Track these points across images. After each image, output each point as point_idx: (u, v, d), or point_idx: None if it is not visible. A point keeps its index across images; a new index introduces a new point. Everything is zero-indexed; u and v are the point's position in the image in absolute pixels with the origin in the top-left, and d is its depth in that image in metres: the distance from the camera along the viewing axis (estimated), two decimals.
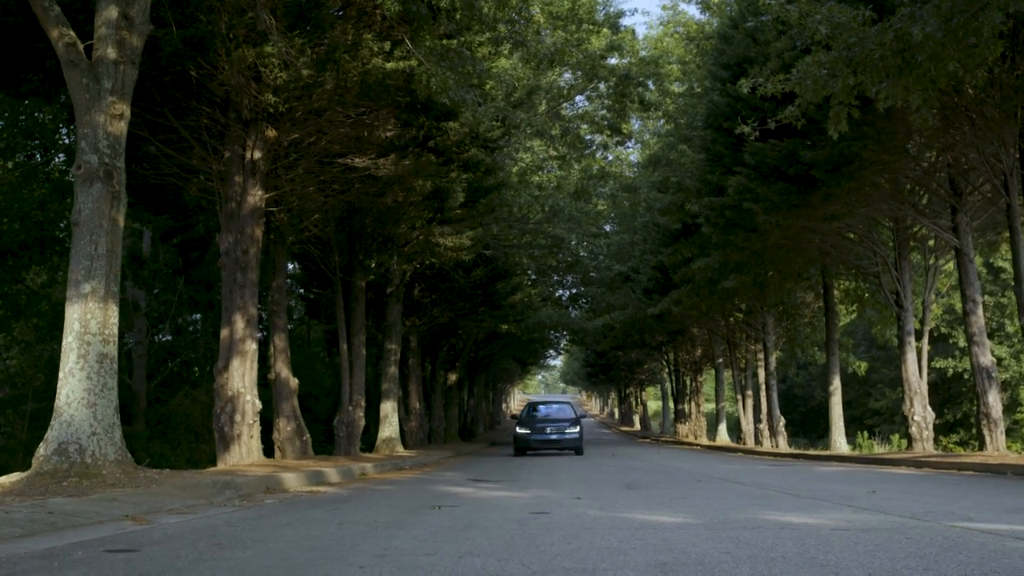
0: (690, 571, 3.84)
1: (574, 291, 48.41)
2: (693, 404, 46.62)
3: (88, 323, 9.44)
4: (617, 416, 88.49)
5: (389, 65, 13.44)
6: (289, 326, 41.79)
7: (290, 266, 34.35)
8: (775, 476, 12.66)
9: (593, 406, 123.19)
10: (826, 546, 4.56)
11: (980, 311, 17.75)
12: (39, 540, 5.16)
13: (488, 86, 16.59)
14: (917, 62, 11.12)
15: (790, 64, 13.24)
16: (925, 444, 20.31)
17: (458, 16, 13.82)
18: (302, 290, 33.65)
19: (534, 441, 25.21)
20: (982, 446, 17.23)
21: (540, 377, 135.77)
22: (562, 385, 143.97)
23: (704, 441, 41.81)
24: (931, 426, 20.58)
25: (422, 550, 4.55)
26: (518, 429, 25.91)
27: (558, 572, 3.79)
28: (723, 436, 40.45)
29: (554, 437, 25.14)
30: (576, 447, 25.26)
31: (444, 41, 13.61)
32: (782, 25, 14.37)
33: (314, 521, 6.26)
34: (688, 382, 48.97)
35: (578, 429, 25.49)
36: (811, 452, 25.08)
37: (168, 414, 25.30)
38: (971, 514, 6.35)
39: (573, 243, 37.96)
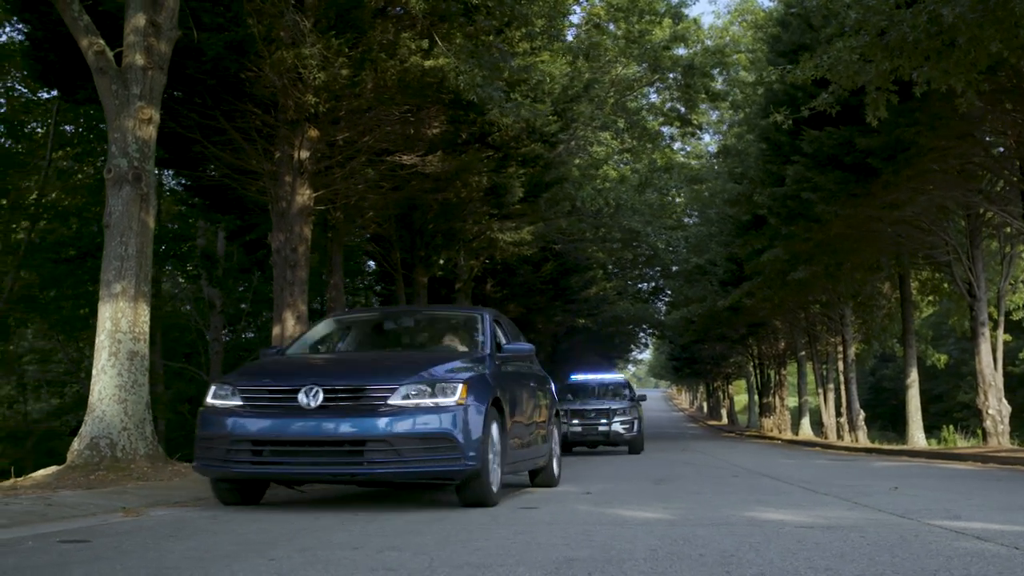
0: (588, 567, 3.81)
1: (653, 285, 48.06)
2: (777, 398, 45.84)
3: (119, 322, 9.76)
4: (706, 410, 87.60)
5: (428, 63, 13.55)
6: None
7: (371, 264, 35.02)
8: (819, 471, 12.41)
9: (683, 400, 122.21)
10: (762, 546, 4.48)
11: None
12: (14, 530, 5.36)
13: (534, 81, 16.55)
14: (957, 44, 10.77)
15: None
16: (1000, 439, 19.66)
17: (497, 13, 13.86)
18: (379, 287, 34.14)
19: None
20: None
21: (631, 371, 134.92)
22: (653, 380, 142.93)
23: (787, 435, 41.09)
24: (1007, 420, 19.91)
25: (351, 544, 4.61)
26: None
27: (450, 568, 3.81)
28: (806, 430, 39.72)
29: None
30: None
31: (485, 38, 13.66)
32: (827, 10, 14.05)
33: (296, 517, 6.37)
34: (772, 375, 48.17)
35: (449, 417, 6.44)
36: (885, 447, 24.45)
37: None
38: (964, 512, 6.15)
39: (651, 237, 37.72)
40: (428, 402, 6.46)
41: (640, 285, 48.43)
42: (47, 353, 28.88)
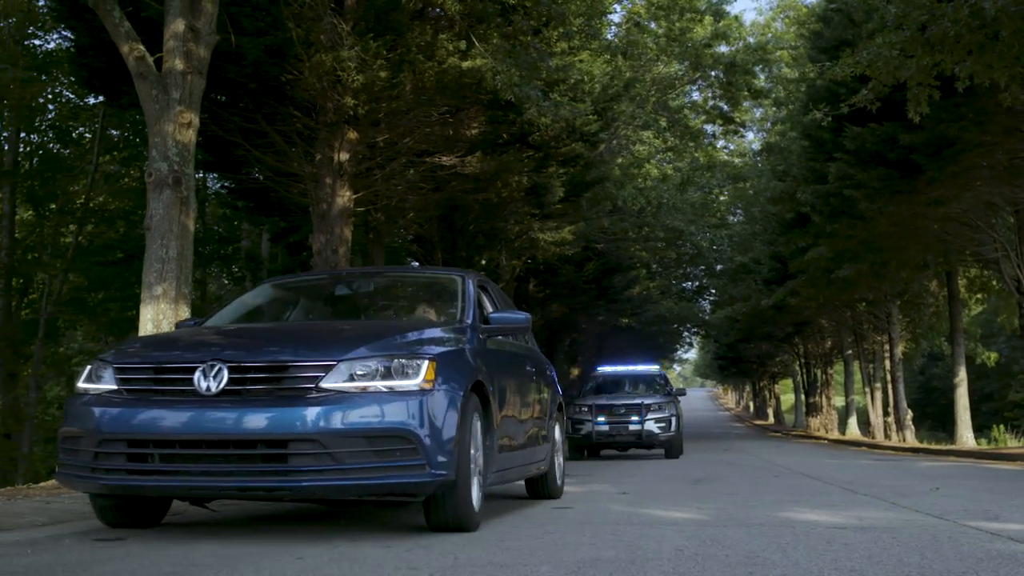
0: (611, 567, 3.81)
1: (697, 283, 47.81)
2: (823, 397, 45.38)
3: (160, 324, 9.88)
4: (752, 410, 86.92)
5: (465, 64, 13.59)
6: None
7: (414, 264, 35.29)
8: (862, 472, 12.28)
9: (729, 399, 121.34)
10: (790, 547, 4.45)
11: None
12: (53, 528, 5.48)
13: (572, 80, 16.55)
14: (999, 38, 10.61)
15: None
16: None
17: (534, 13, 13.87)
18: None
19: None
20: None
21: (678, 371, 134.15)
22: (699, 379, 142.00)
23: (834, 435, 40.64)
24: None
25: (382, 543, 4.65)
26: None
27: (472, 567, 3.83)
28: (853, 430, 39.25)
29: None
30: None
31: (522, 38, 13.68)
32: (868, 5, 13.90)
33: (330, 516, 6.44)
34: (818, 374, 47.70)
35: None
36: (932, 447, 24.11)
37: None
38: (1003, 513, 6.06)
39: (695, 236, 37.55)
40: (379, 385, 4.63)
41: (684, 284, 48.21)
42: (96, 355, 29.37)
